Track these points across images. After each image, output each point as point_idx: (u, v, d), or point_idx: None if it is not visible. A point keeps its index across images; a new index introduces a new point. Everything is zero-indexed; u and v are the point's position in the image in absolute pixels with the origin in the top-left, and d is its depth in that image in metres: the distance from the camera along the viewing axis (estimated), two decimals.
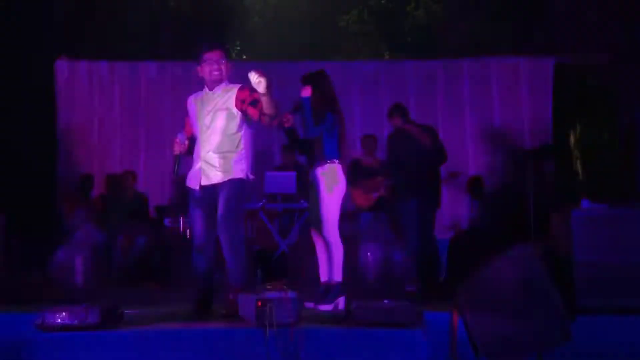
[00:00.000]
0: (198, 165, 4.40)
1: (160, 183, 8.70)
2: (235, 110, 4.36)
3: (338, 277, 4.72)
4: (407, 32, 11.14)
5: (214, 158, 4.33)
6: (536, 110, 8.71)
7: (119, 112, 8.80)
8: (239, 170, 4.35)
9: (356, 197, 7.37)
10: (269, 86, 4.03)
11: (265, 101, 4.13)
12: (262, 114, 4.24)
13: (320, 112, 4.76)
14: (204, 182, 4.36)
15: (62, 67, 8.71)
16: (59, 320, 3.61)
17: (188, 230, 7.55)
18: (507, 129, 8.74)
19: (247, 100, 4.30)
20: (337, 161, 4.76)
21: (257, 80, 4.01)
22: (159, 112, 8.79)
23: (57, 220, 7.69)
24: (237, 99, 4.35)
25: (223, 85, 4.43)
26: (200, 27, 10.70)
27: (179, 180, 4.96)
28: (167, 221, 7.79)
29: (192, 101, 4.53)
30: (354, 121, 8.73)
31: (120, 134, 8.77)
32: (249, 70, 4.05)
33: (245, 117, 4.37)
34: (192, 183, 4.42)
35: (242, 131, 4.38)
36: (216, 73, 4.38)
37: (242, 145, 4.37)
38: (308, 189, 4.92)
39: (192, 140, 4.50)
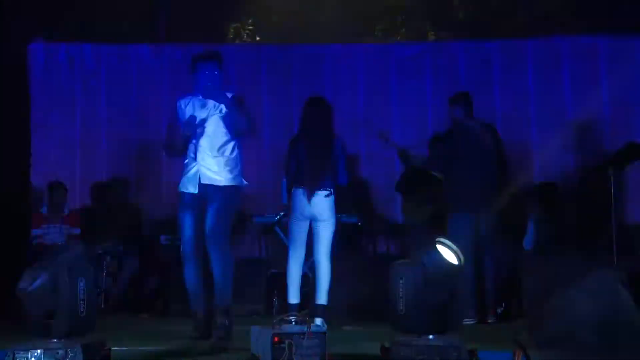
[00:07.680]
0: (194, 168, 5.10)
1: (155, 192, 8.71)
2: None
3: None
4: (457, 6, 11.11)
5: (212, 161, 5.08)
6: (620, 102, 8.61)
7: (105, 105, 8.87)
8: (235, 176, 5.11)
9: (408, 208, 7.37)
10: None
11: None
12: None
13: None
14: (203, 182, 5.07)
15: (37, 51, 8.80)
16: (33, 359, 3.61)
17: None
18: (582, 124, 8.65)
19: None
20: None
21: None
22: (154, 105, 8.83)
23: (28, 237, 7.73)
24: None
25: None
26: (203, 2, 10.74)
27: None
28: (163, 238, 7.82)
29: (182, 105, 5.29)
30: (392, 114, 8.76)
31: (107, 132, 8.83)
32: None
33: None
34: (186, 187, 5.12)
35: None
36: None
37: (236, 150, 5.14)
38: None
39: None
